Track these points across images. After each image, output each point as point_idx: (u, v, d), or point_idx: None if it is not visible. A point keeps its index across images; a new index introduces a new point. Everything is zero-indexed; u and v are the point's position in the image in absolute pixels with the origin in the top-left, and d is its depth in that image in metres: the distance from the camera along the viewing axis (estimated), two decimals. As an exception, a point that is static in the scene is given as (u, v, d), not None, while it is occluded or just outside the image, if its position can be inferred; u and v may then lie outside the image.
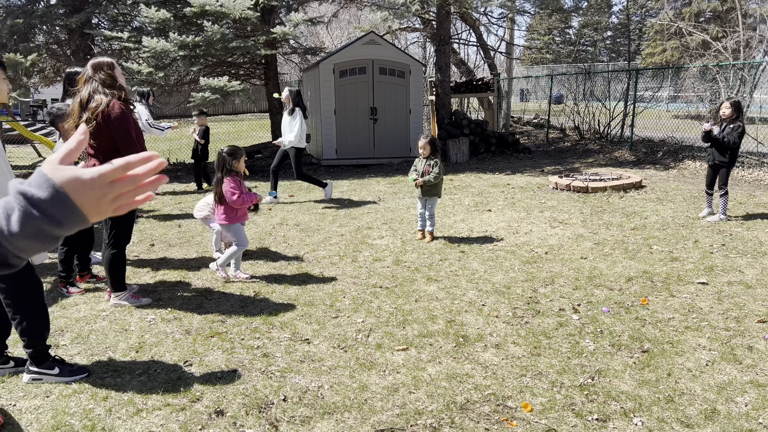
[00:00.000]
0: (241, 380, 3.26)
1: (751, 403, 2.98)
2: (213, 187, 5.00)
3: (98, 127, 3.91)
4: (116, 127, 3.94)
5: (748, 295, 4.47)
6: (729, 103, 6.61)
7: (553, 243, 6.05)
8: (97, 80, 3.95)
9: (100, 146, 4.00)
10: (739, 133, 6.53)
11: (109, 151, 4.00)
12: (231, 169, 4.89)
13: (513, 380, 3.27)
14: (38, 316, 3.14)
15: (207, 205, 5.51)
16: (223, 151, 4.93)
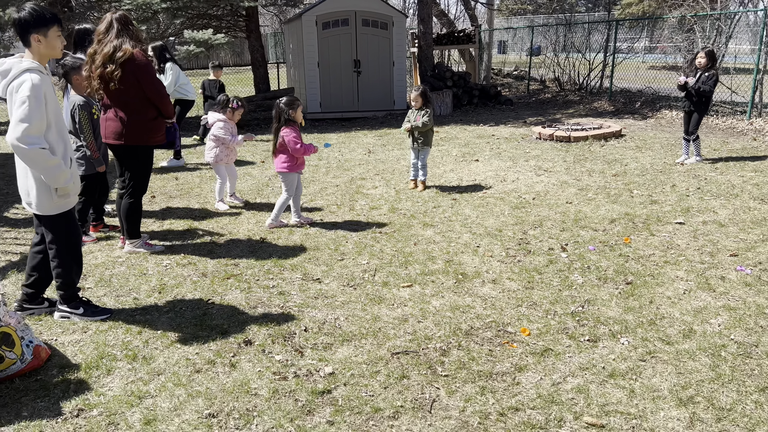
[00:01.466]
0: (263, 315, 3.53)
1: (724, 323, 3.35)
2: (272, 137, 5.17)
3: (124, 76, 4.02)
4: (143, 76, 4.07)
5: (721, 232, 4.84)
6: (704, 52, 6.93)
7: (540, 189, 6.36)
8: (126, 34, 4.05)
9: (125, 96, 4.12)
10: (713, 81, 6.86)
11: (135, 101, 4.13)
12: (289, 119, 5.05)
13: (510, 310, 3.59)
14: (74, 263, 3.36)
15: (209, 151, 5.84)
16: (281, 102, 5.06)
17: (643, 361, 2.97)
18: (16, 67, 3.00)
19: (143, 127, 4.23)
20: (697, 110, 7.05)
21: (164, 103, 4.29)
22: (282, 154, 5.10)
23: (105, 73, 4.04)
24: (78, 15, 11.84)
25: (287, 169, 5.12)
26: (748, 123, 9.88)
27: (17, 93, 2.94)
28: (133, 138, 4.22)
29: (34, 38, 3.03)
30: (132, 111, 4.17)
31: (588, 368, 2.92)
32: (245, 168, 7.82)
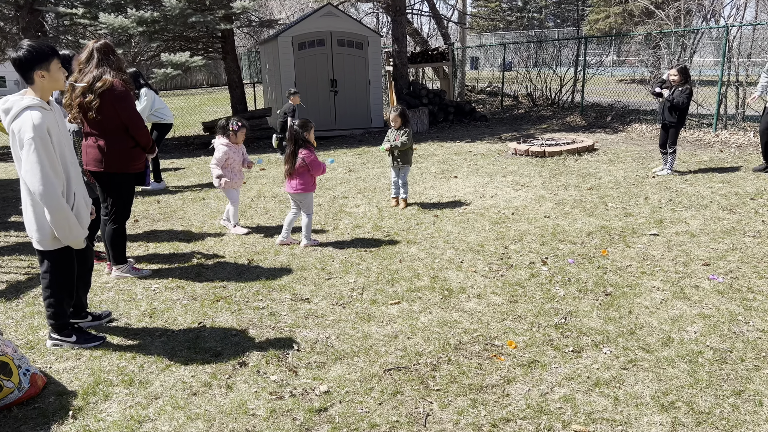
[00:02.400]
0: (255, 336, 3.59)
1: (699, 331, 3.51)
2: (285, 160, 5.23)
3: (103, 105, 4.08)
4: (122, 105, 4.12)
5: (693, 242, 5.04)
6: (676, 69, 7.24)
7: (518, 204, 6.52)
8: (106, 63, 4.11)
9: (104, 124, 4.16)
10: (686, 94, 7.17)
11: (114, 129, 4.19)
12: (306, 141, 5.16)
13: (496, 324, 3.70)
14: (67, 296, 3.39)
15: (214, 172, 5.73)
16: (295, 125, 5.17)
17: (626, 370, 3.10)
18: (16, 105, 3.05)
19: (123, 154, 4.27)
20: (673, 124, 7.33)
21: (141, 135, 4.32)
22: (299, 176, 5.21)
23: (84, 103, 4.10)
24: (52, 39, 11.80)
25: (305, 189, 5.25)
26: (714, 135, 10.24)
27: (20, 134, 2.99)
28: (113, 165, 4.25)
29: (38, 75, 3.09)
30: (112, 139, 4.22)
31: (573, 378, 3.04)
32: (227, 189, 7.85)
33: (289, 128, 5.21)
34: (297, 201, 5.36)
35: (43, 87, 3.12)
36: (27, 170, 3.01)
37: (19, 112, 3.02)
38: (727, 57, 10.41)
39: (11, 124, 3.04)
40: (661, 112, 7.51)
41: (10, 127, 3.04)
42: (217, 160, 5.70)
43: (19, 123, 3.00)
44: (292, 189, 5.27)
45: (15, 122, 3.02)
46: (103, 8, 10.66)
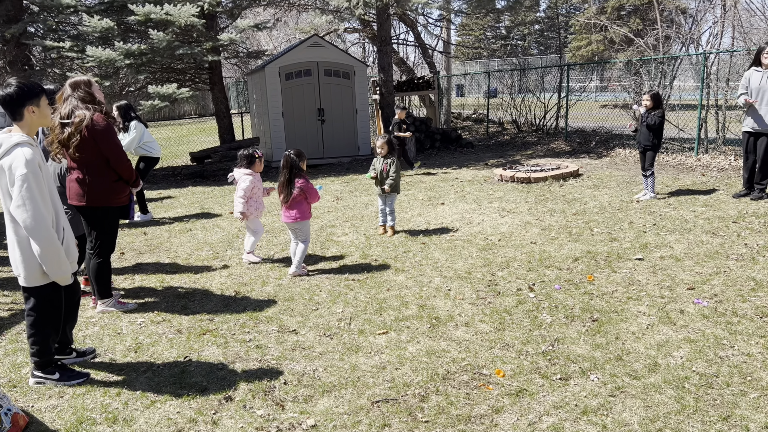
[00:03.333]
0: (242, 370, 3.56)
1: (686, 356, 3.52)
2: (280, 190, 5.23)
3: (83, 140, 4.09)
4: (103, 139, 4.13)
5: (677, 267, 5.09)
6: (649, 95, 7.55)
7: (505, 231, 6.56)
8: (75, 97, 4.13)
9: (85, 159, 4.17)
10: (658, 116, 7.45)
11: (96, 163, 4.19)
12: (301, 169, 5.22)
13: (484, 352, 3.70)
14: (53, 332, 3.36)
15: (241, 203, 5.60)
16: (291, 153, 5.20)
17: (613, 397, 3.10)
18: (6, 141, 3.06)
19: (106, 188, 4.27)
20: (649, 147, 7.51)
21: (123, 169, 4.31)
22: (297, 205, 5.23)
23: (62, 139, 4.11)
24: (39, 72, 11.84)
25: (303, 217, 5.29)
26: (696, 159, 10.40)
27: (11, 170, 2.99)
28: (95, 199, 4.25)
29: (28, 110, 3.12)
30: (94, 173, 4.22)
31: (561, 406, 3.03)
32: (214, 220, 7.84)
33: (285, 157, 5.24)
34: (295, 230, 5.36)
35: (32, 123, 3.15)
36: (19, 205, 3.01)
37: (10, 149, 3.04)
38: (705, 82, 10.63)
39: (0, 161, 3.04)
40: (638, 138, 7.74)
41: (1, 161, 3.05)
42: (244, 190, 5.58)
43: (10, 159, 3.02)
44: (290, 218, 5.28)
45: (5, 159, 3.03)
46: (90, 41, 10.73)
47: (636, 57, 13.19)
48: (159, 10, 10.14)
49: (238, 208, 5.60)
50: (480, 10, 15.90)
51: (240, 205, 5.59)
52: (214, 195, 9.80)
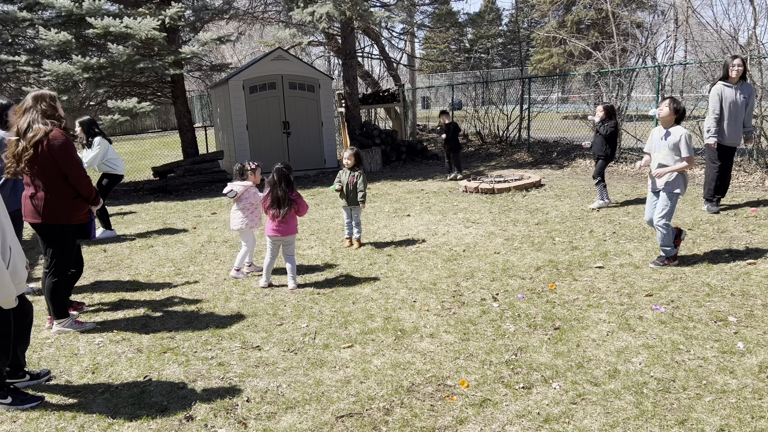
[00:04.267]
0: (203, 388, 3.49)
1: (644, 361, 3.60)
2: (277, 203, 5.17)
3: (40, 155, 3.99)
4: (61, 155, 4.03)
5: (636, 274, 5.21)
6: (602, 107, 7.87)
7: (469, 241, 6.62)
8: (38, 110, 4.03)
9: (42, 174, 4.06)
10: (611, 127, 7.75)
11: (54, 179, 4.09)
12: (293, 182, 5.23)
13: (449, 363, 3.71)
14: (3, 355, 3.25)
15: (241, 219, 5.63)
16: (283, 167, 5.20)
17: (574, 404, 3.14)
18: None
19: (63, 205, 4.15)
20: (601, 156, 7.86)
21: (82, 186, 4.20)
22: (290, 218, 5.24)
23: (16, 153, 4.01)
24: (-6, 86, 11.52)
25: (294, 230, 5.32)
26: (653, 168, 10.68)
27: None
28: (51, 217, 4.13)
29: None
30: (51, 189, 4.10)
31: (524, 415, 3.06)
32: (176, 235, 7.72)
33: (277, 171, 5.20)
34: (284, 244, 5.33)
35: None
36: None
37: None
38: (660, 94, 10.96)
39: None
40: (593, 149, 8.04)
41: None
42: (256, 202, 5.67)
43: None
44: (281, 233, 5.23)
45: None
46: (47, 55, 10.50)
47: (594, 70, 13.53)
48: (118, 23, 9.99)
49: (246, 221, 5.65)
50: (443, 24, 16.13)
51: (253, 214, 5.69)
52: (177, 210, 9.64)
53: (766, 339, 3.78)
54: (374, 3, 14.77)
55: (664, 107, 5.17)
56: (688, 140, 5.06)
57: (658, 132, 5.32)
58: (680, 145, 5.06)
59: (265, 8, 15.02)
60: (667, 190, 5.17)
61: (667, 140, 5.16)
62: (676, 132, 5.12)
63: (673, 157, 5.12)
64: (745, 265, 5.21)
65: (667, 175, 5.14)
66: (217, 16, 12.21)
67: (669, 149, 5.13)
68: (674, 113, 5.16)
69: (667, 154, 5.15)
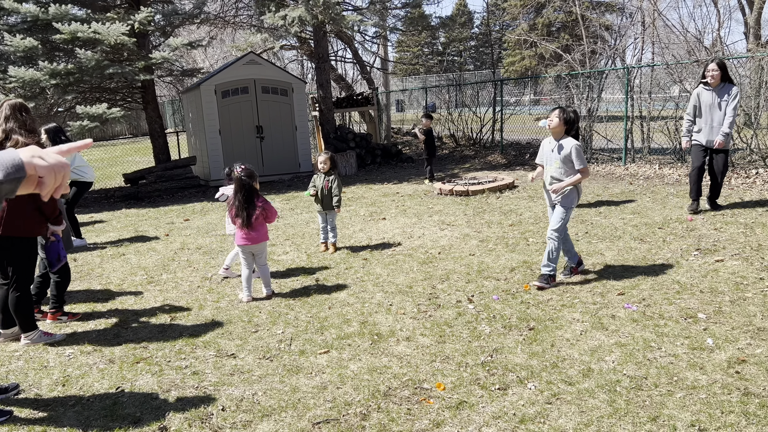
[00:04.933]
0: (177, 398, 3.44)
1: (617, 360, 3.65)
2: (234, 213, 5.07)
3: None
4: None
5: (609, 273, 5.28)
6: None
7: (444, 243, 6.65)
8: (18, 121, 3.93)
9: None
10: None
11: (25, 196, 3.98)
12: (256, 189, 5.13)
13: (425, 366, 3.72)
14: None
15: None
16: (243, 175, 5.02)
17: (550, 404, 3.18)
18: None
19: (25, 217, 4.05)
20: None
21: (45, 205, 4.11)
22: (259, 225, 5.12)
23: None
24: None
25: (264, 238, 5.21)
26: (624, 168, 10.88)
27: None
28: (11, 228, 4.01)
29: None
30: (13, 201, 4.00)
31: (500, 416, 3.08)
32: (148, 243, 7.61)
33: (236, 180, 5.06)
34: (255, 252, 5.19)
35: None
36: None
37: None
38: (630, 95, 11.16)
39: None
40: None
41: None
42: None
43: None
44: (251, 241, 5.10)
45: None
46: (13, 61, 10.28)
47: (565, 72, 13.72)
48: (86, 28, 9.82)
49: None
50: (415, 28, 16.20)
51: None
52: (149, 217, 9.51)
53: (734, 335, 3.87)
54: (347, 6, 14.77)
55: (554, 118, 4.87)
56: (579, 151, 4.82)
57: (548, 144, 5.04)
58: (572, 158, 4.81)
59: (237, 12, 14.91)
60: (563, 204, 4.95)
61: (559, 153, 4.88)
62: (567, 144, 4.84)
63: (565, 169, 4.87)
64: (713, 263, 5.33)
65: (564, 189, 4.88)
66: (188, 20, 12.09)
67: (561, 162, 4.87)
68: (564, 124, 4.87)
69: (560, 167, 4.89)
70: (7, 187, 1.18)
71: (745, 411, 2.98)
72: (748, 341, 3.76)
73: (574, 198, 4.98)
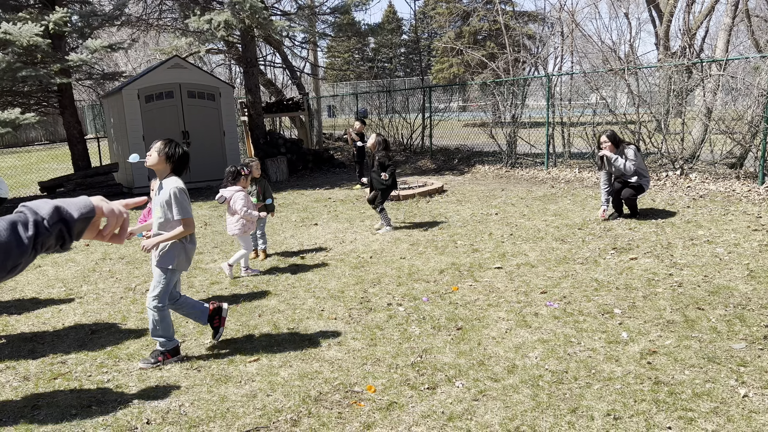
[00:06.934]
0: (98, 413, 3.31)
1: (540, 355, 3.80)
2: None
3: None
4: None
5: (532, 273, 5.49)
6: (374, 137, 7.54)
7: (376, 248, 6.71)
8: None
9: None
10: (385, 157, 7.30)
11: None
12: None
13: (356, 369, 3.75)
14: None
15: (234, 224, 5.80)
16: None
17: (476, 401, 3.27)
18: None
19: None
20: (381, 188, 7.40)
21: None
22: None
23: None
24: None
25: None
26: (546, 172, 11.32)
27: None
28: None
29: None
30: None
31: (429, 415, 3.14)
32: (67, 254, 7.26)
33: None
34: None
35: None
36: None
37: None
38: (551, 102, 11.64)
39: None
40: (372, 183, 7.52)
41: None
42: (246, 205, 5.74)
43: None
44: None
45: None
46: None
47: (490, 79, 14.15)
48: (-5, 28, 9.28)
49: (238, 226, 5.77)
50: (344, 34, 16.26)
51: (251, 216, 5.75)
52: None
53: (647, 328, 4.11)
54: (275, 12, 14.65)
55: (153, 152, 3.75)
56: (179, 196, 3.75)
57: (157, 184, 3.95)
58: (171, 204, 3.76)
59: (161, 15, 14.48)
60: (159, 264, 3.83)
61: (159, 195, 3.84)
62: (167, 186, 3.79)
63: (166, 218, 3.82)
64: (628, 261, 5.64)
65: (161, 244, 3.82)
66: (108, 22, 11.63)
67: (161, 208, 3.82)
68: (166, 160, 3.76)
69: (161, 216, 3.83)
70: (80, 226, 1.34)
71: (655, 399, 3.17)
72: (658, 333, 4.01)
73: (174, 257, 3.83)
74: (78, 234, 1.34)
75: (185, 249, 3.89)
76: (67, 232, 1.31)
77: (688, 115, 10.40)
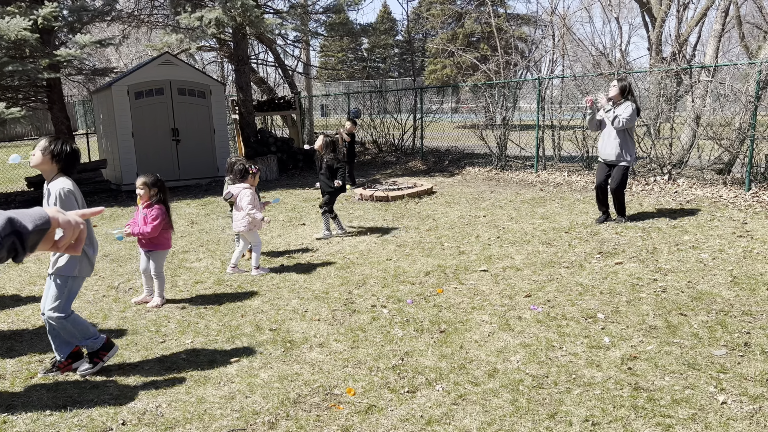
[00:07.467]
0: (73, 413, 3.27)
1: (521, 359, 3.79)
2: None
3: None
4: None
5: (517, 276, 5.48)
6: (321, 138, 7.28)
7: (363, 249, 6.69)
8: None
9: None
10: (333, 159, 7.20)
11: None
12: None
13: (337, 372, 3.72)
14: None
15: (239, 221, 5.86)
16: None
17: (456, 405, 3.26)
18: None
19: None
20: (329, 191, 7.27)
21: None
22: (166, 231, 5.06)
23: None
24: None
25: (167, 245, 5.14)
26: (535, 175, 11.34)
27: None
28: None
29: None
30: None
31: (408, 419, 3.13)
32: (52, 250, 7.18)
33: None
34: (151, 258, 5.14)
35: None
36: None
37: None
38: (541, 105, 11.66)
39: None
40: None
41: None
42: (251, 204, 5.80)
43: None
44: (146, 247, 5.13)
45: None
46: None
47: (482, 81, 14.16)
48: (-17, 21, 9.18)
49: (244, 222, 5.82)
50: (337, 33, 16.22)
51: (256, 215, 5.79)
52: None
53: (629, 333, 4.11)
54: (267, 9, 14.59)
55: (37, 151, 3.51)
56: (65, 198, 3.44)
57: (45, 189, 3.66)
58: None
59: (152, 11, 14.39)
60: (60, 272, 3.60)
61: (49, 201, 3.52)
62: (54, 189, 3.50)
63: None
64: (613, 265, 5.65)
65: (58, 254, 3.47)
66: (98, 17, 11.55)
67: None
68: (51, 159, 3.50)
69: None
70: (34, 238, 1.30)
71: (634, 405, 3.17)
72: (640, 339, 4.01)
73: (75, 263, 3.59)
74: (32, 246, 1.31)
75: (86, 253, 3.62)
76: (21, 245, 1.27)
77: (677, 120, 10.44)
